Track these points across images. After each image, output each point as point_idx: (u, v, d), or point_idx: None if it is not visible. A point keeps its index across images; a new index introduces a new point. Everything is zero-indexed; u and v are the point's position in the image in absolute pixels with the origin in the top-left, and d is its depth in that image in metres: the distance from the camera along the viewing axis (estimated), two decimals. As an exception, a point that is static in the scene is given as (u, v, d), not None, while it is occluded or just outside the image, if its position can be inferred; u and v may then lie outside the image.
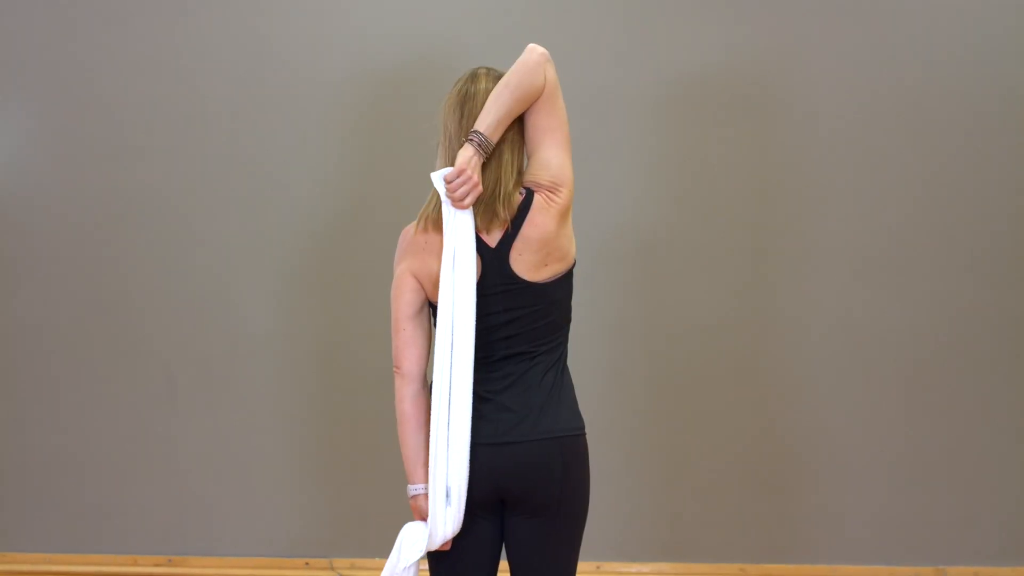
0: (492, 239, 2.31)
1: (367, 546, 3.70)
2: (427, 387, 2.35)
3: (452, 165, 2.31)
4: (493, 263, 2.31)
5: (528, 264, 2.30)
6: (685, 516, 3.69)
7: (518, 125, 2.35)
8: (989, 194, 3.66)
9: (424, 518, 2.30)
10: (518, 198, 2.31)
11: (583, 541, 2.41)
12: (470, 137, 2.27)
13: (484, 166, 2.30)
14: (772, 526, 3.69)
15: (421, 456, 2.31)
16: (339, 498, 3.71)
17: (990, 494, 3.68)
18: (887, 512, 3.68)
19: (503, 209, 2.29)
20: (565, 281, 2.37)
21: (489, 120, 2.28)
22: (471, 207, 2.28)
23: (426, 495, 2.30)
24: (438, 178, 2.29)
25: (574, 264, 2.39)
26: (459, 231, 2.27)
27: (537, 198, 2.30)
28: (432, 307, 2.36)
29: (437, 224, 2.32)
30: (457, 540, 2.31)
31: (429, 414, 2.31)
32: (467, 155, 2.26)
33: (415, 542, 2.29)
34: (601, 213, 3.60)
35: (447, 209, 2.29)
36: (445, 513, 2.25)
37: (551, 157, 2.34)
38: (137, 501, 3.71)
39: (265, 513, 3.71)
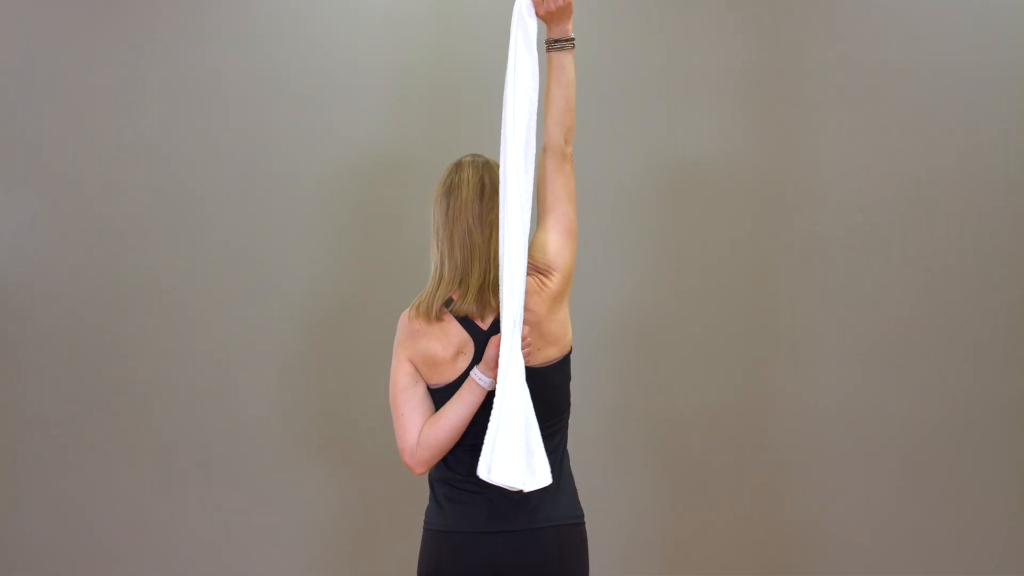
0: (485, 323, 2.31)
1: (369, 638, 3.65)
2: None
3: (443, 256, 2.31)
4: (486, 345, 2.30)
5: (519, 347, 2.29)
6: (688, 606, 3.63)
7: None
8: (989, 283, 3.67)
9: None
10: (509, 283, 2.30)
11: (582, 632, 2.37)
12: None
13: (471, 255, 2.30)
14: (777, 615, 3.64)
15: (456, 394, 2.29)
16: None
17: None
18: (893, 599, 3.64)
19: (493, 297, 2.29)
20: (562, 366, 2.35)
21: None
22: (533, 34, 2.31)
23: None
24: None
25: (571, 351, 2.38)
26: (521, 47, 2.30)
27: (529, 281, 2.28)
28: (431, 391, 2.35)
29: (429, 313, 2.31)
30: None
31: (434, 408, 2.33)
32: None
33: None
34: (600, 298, 3.60)
35: (517, 25, 2.30)
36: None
37: (549, 241, 2.34)
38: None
39: (262, 605, 3.66)
